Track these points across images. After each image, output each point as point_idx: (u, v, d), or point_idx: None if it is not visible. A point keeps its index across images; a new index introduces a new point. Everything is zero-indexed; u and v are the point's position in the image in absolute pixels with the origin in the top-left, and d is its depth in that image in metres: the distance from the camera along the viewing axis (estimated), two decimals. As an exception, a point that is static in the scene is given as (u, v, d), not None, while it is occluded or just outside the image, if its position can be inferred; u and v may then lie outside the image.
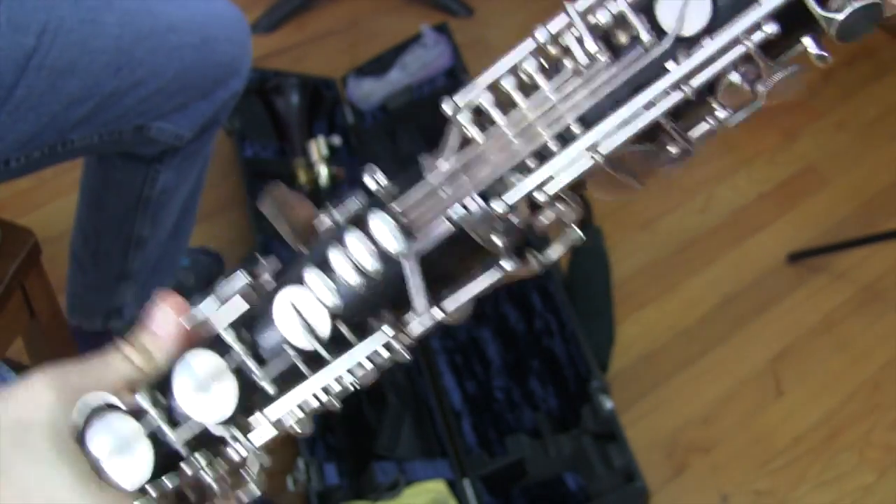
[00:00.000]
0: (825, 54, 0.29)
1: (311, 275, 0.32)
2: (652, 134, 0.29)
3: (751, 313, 1.48)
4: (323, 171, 1.46)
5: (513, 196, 0.29)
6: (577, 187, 0.30)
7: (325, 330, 0.32)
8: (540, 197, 0.29)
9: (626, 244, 1.55)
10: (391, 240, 0.31)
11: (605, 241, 1.51)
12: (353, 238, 0.32)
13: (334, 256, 0.32)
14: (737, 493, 1.29)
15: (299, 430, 0.36)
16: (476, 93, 0.30)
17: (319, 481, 1.11)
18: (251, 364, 0.33)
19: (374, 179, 0.33)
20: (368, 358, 0.32)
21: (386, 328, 0.32)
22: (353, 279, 0.31)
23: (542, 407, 1.29)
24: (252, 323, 0.34)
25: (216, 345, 0.34)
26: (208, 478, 0.35)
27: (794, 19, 0.28)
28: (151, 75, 0.86)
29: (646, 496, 1.15)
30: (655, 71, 0.28)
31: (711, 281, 1.52)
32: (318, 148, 1.48)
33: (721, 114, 0.29)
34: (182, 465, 0.35)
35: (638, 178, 0.30)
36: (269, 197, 0.33)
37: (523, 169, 0.29)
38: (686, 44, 0.28)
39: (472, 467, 1.17)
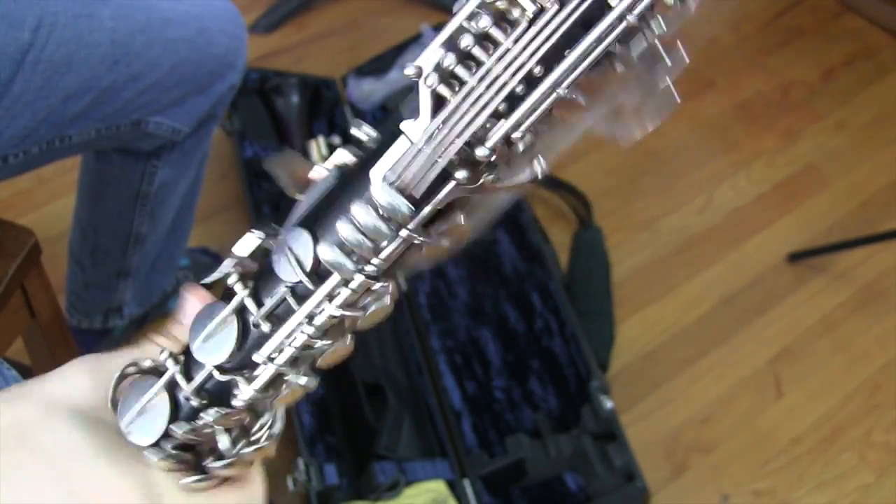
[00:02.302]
0: None
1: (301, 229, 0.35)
2: (601, 61, 0.32)
3: (751, 313, 1.48)
4: (323, 172, 1.46)
5: (492, 141, 0.32)
6: (544, 121, 0.32)
7: (309, 262, 0.34)
8: (516, 135, 0.32)
9: (626, 244, 1.55)
10: (383, 195, 0.33)
11: (605, 241, 1.51)
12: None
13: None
14: (737, 493, 1.29)
15: (309, 385, 0.37)
16: (436, 53, 0.32)
17: (319, 481, 1.11)
18: (250, 304, 0.35)
19: (363, 132, 0.35)
20: (349, 287, 0.34)
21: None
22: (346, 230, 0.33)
23: (542, 407, 1.29)
24: (259, 269, 0.36)
25: (226, 292, 0.36)
26: (218, 428, 0.37)
27: None
28: (148, 69, 0.86)
29: (646, 496, 1.15)
30: (600, 7, 0.31)
31: (711, 281, 1.52)
32: (318, 148, 1.48)
33: (658, 30, 0.31)
34: (199, 418, 0.37)
35: (593, 101, 0.33)
36: (277, 158, 0.36)
37: (497, 115, 0.32)
38: None
39: (472, 467, 1.17)
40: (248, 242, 0.37)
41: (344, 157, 0.36)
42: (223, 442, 0.38)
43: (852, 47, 1.92)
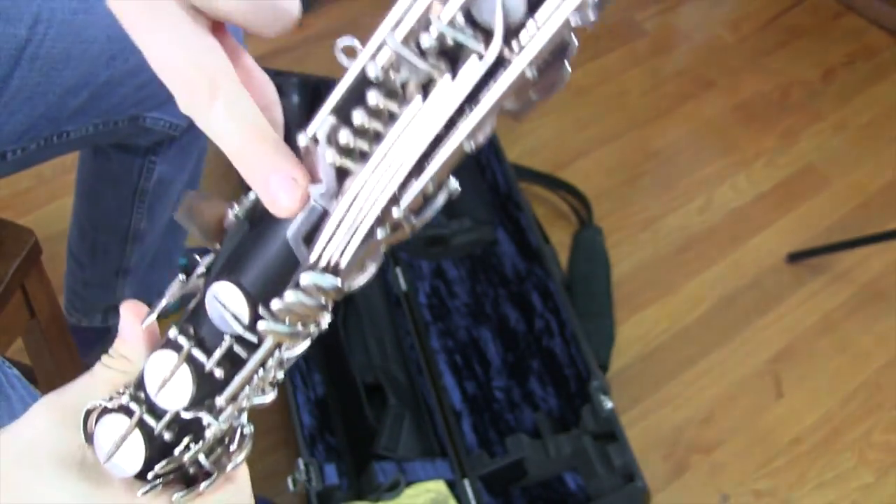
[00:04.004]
0: None
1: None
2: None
3: (751, 313, 1.48)
4: (323, 171, 1.46)
5: (406, 201, 0.32)
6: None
7: (246, 317, 0.35)
8: (427, 188, 0.32)
9: (626, 244, 1.55)
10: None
11: (605, 241, 1.51)
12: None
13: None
14: (737, 493, 1.29)
15: (264, 401, 0.40)
16: (326, 123, 0.32)
17: (319, 481, 1.11)
18: (198, 354, 0.37)
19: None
20: (283, 332, 0.35)
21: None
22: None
23: (542, 407, 1.29)
24: (195, 318, 0.38)
25: (169, 341, 0.38)
26: (192, 452, 0.40)
27: None
28: (145, 64, 0.86)
29: (646, 496, 1.15)
30: (494, 72, 0.29)
31: (711, 281, 1.52)
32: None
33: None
34: (175, 449, 0.40)
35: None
36: (182, 207, 0.36)
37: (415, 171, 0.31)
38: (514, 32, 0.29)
39: (472, 467, 1.17)
40: (176, 287, 0.39)
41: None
42: (202, 459, 0.40)
43: (852, 47, 1.92)
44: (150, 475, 0.40)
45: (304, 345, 0.38)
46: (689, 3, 2.01)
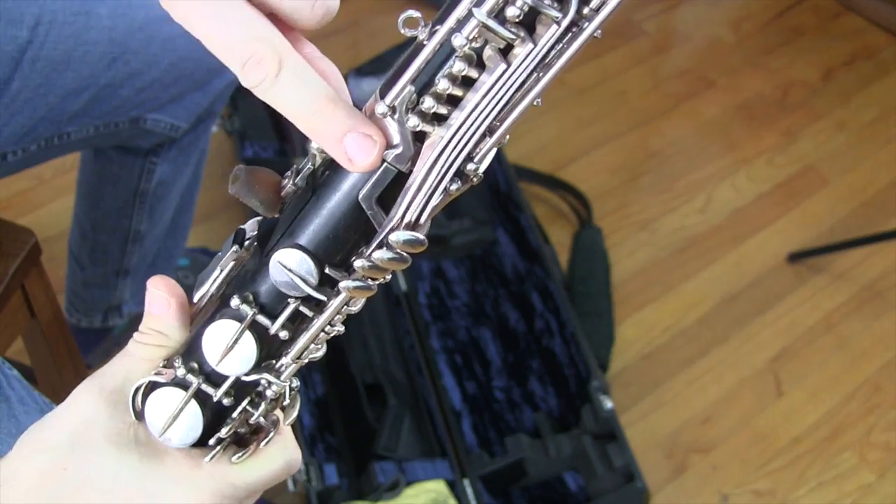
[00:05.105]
0: None
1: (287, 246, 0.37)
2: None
3: (751, 313, 1.48)
4: (323, 171, 1.46)
5: (481, 156, 0.35)
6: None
7: (314, 278, 0.37)
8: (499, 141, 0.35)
9: (626, 244, 1.55)
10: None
11: (605, 241, 1.51)
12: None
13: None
14: (737, 493, 1.29)
15: (318, 356, 0.41)
16: (407, 90, 0.34)
17: (319, 481, 1.11)
18: (262, 319, 0.38)
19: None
20: (357, 287, 0.37)
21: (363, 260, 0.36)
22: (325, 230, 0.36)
23: (542, 407, 1.29)
24: (253, 285, 0.39)
25: (227, 310, 0.39)
26: (256, 415, 0.41)
27: None
28: (146, 66, 0.86)
29: (646, 496, 1.15)
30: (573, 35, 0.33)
31: (711, 281, 1.52)
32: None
33: None
34: (231, 414, 0.41)
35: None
36: (238, 181, 0.37)
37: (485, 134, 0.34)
38: None
39: (472, 467, 1.17)
40: (228, 259, 0.39)
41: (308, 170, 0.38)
42: (261, 419, 0.42)
43: (852, 47, 1.92)
44: (212, 441, 0.41)
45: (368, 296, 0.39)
46: (689, 3, 2.01)
